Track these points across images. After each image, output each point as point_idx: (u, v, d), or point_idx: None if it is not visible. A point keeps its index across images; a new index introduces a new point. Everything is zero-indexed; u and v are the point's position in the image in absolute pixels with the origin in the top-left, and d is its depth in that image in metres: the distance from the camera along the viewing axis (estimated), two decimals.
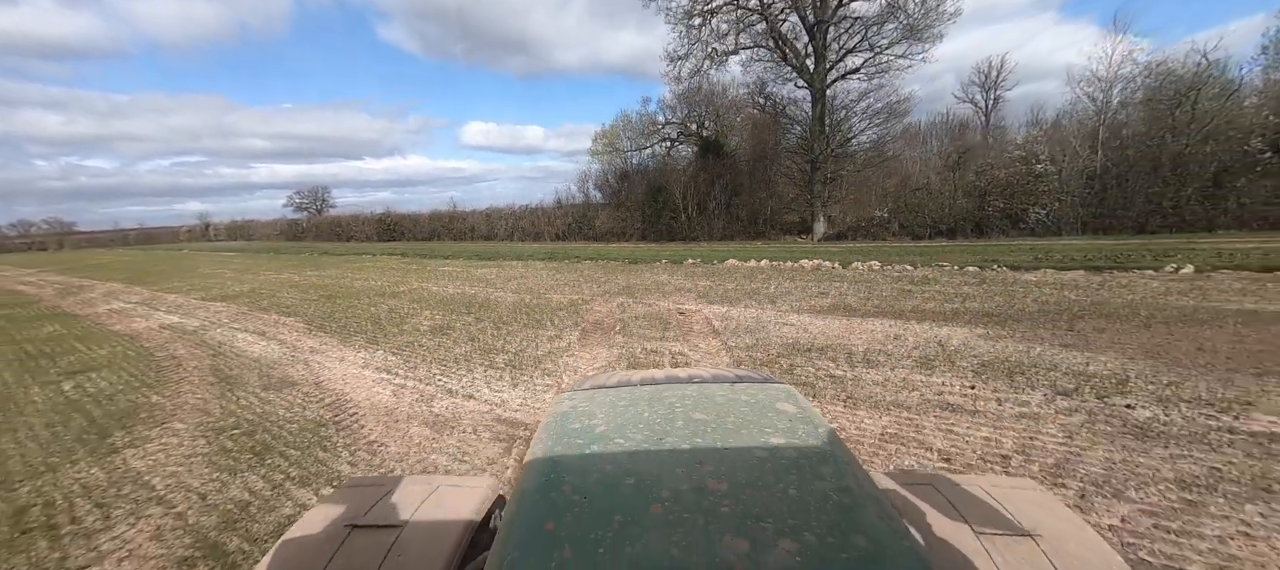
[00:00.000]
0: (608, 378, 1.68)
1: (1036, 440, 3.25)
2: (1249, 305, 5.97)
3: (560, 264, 14.67)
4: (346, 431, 4.09)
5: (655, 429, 1.14)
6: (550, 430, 1.23)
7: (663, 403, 1.30)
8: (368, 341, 6.91)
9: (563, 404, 1.41)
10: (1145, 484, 2.73)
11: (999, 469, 2.97)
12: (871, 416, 3.75)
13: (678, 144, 27.19)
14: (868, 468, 1.15)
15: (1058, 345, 5.02)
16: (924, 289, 8.20)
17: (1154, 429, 3.29)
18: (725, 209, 21.25)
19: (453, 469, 3.20)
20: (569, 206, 26.32)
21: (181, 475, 3.51)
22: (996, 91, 38.95)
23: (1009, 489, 1.33)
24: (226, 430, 4.23)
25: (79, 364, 6.67)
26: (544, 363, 5.53)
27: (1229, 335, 4.99)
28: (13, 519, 3.08)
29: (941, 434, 3.42)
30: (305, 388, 5.22)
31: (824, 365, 4.90)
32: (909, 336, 5.63)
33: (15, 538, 2.88)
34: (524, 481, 1.00)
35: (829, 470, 0.95)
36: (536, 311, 8.24)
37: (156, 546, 2.74)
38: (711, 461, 0.99)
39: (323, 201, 58.92)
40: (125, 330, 8.79)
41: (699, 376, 1.58)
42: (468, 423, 4.11)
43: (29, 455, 3.96)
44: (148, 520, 2.98)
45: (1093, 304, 6.51)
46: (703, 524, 0.80)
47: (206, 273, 18.04)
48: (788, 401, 1.29)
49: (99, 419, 4.65)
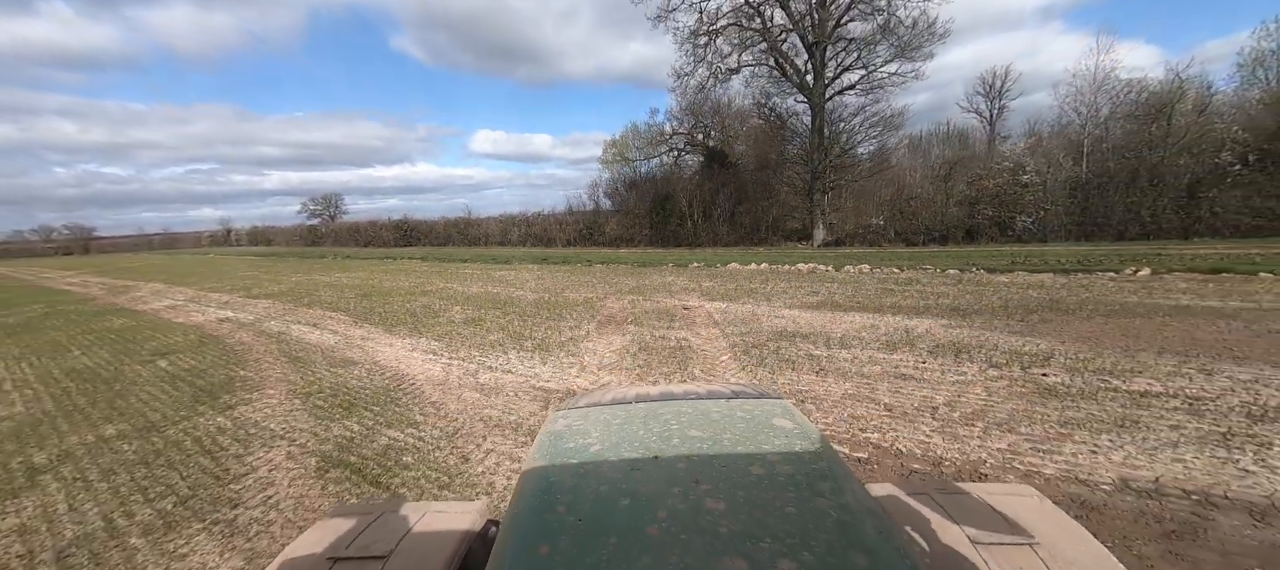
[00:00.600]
0: (602, 395, 1.67)
1: (963, 397, 4.13)
2: (1184, 301, 6.78)
3: (573, 267, 15.64)
4: (411, 394, 5.04)
5: (651, 447, 1.14)
6: (544, 449, 1.21)
7: (658, 420, 1.29)
8: (410, 331, 7.88)
9: (557, 422, 1.39)
10: (1034, 423, 3.61)
11: (933, 421, 3.85)
12: (837, 383, 4.64)
13: (685, 154, 28.22)
14: (865, 479, 1.15)
15: (1006, 333, 5.88)
16: (906, 289, 9.06)
17: (1057, 389, 4.16)
18: (729, 216, 22.16)
19: (442, 495, 3.09)
20: (579, 213, 27.40)
21: (291, 421, 4.47)
22: (1001, 101, 39.78)
23: (1006, 497, 1.34)
24: (313, 394, 5.19)
25: (162, 348, 7.69)
26: (567, 347, 6.46)
27: (1154, 325, 5.82)
28: (174, 446, 4.05)
29: (890, 394, 4.31)
30: (365, 366, 6.17)
31: (805, 347, 5.79)
32: (882, 326, 6.51)
33: (183, 457, 3.85)
34: (517, 503, 0.99)
35: (827, 486, 0.94)
36: (555, 307, 9.18)
37: (291, 462, 3.68)
38: (708, 479, 0.98)
39: (336, 208, 60.70)
40: (188, 323, 9.83)
41: (694, 393, 1.57)
42: (509, 389, 5.04)
43: (164, 409, 4.95)
44: (278, 448, 3.94)
45: (1049, 301, 7.34)
46: (700, 544, 0.79)
47: (240, 275, 19.19)
48: (784, 417, 1.28)
49: (203, 386, 5.64)
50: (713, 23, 17.41)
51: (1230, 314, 6.05)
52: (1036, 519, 1.22)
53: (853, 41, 16.08)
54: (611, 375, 5.29)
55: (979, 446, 3.35)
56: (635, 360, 5.74)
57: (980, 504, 1.28)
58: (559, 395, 4.81)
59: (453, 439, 3.92)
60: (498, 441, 3.85)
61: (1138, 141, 13.41)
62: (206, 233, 55.45)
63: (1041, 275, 9.33)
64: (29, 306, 13.50)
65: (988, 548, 1.10)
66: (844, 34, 16.18)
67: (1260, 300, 6.58)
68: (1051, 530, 1.17)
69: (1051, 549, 1.09)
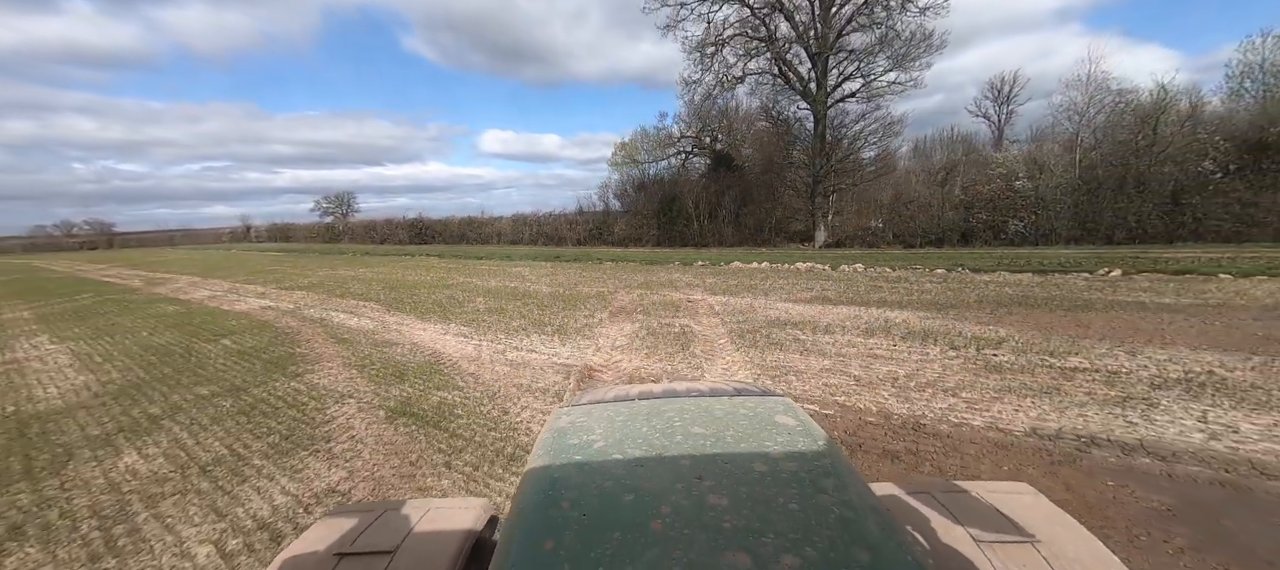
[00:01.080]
0: (605, 392, 1.69)
1: (921, 372, 4.89)
2: (1142, 298, 7.46)
3: (584, 265, 16.48)
4: (450, 367, 5.86)
5: (654, 444, 1.15)
6: (548, 446, 1.22)
7: (661, 417, 1.31)
8: (440, 318, 8.73)
9: (561, 419, 1.40)
10: (974, 390, 4.36)
11: (892, 388, 4.61)
12: (817, 360, 5.41)
13: (692, 156, 28.98)
14: (867, 477, 1.21)
15: (974, 323, 6.61)
16: (894, 286, 9.78)
17: (1001, 366, 4.90)
18: (734, 217, 22.89)
19: (449, 491, 3.09)
20: (589, 214, 28.26)
21: (353, 385, 5.31)
22: (1009, 106, 40.19)
23: (1006, 494, 1.36)
24: (366, 366, 6.03)
25: (221, 330, 8.59)
26: (583, 332, 7.27)
27: (1106, 318, 6.52)
28: (262, 402, 4.90)
29: (860, 369, 5.07)
30: (405, 346, 7.01)
31: (793, 333, 6.56)
32: (865, 317, 7.25)
33: (273, 410, 4.69)
34: (522, 499, 1.00)
35: (830, 483, 0.95)
36: (570, 299, 10.00)
37: (363, 413, 4.51)
38: (711, 476, 0.99)
39: (348, 206, 62.11)
40: (235, 310, 10.76)
41: (697, 390, 1.59)
42: (536, 364, 5.86)
43: (243, 376, 5.82)
44: (349, 404, 4.77)
45: (1021, 297, 8.05)
46: (704, 540, 0.80)
47: (268, 269, 20.21)
48: (787, 414, 1.29)
49: (269, 360, 6.51)
50: (720, 33, 18.21)
51: (1177, 309, 6.74)
52: (1036, 517, 1.24)
53: (853, 52, 16.82)
54: (623, 355, 6.08)
55: (924, 406, 4.11)
56: (644, 343, 6.53)
57: (980, 502, 1.30)
58: (579, 370, 5.60)
59: (493, 399, 4.74)
60: (530, 401, 4.66)
61: (1125, 149, 14.01)
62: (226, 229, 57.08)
63: (1021, 275, 10.02)
64: (78, 296, 14.54)
65: (989, 546, 1.11)
66: (844, 45, 16.91)
67: (1208, 297, 7.25)
68: (1051, 528, 1.18)
69: (1052, 547, 1.11)
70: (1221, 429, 3.46)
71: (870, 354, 5.53)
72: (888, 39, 15.79)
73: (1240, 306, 6.67)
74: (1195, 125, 13.49)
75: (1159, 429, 3.52)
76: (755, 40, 18.21)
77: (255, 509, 3.07)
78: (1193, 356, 4.87)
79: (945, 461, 3.27)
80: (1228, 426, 3.49)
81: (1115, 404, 3.94)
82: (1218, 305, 6.81)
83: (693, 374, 5.29)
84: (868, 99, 17.47)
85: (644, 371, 5.39)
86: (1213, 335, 5.51)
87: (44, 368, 6.67)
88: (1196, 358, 4.83)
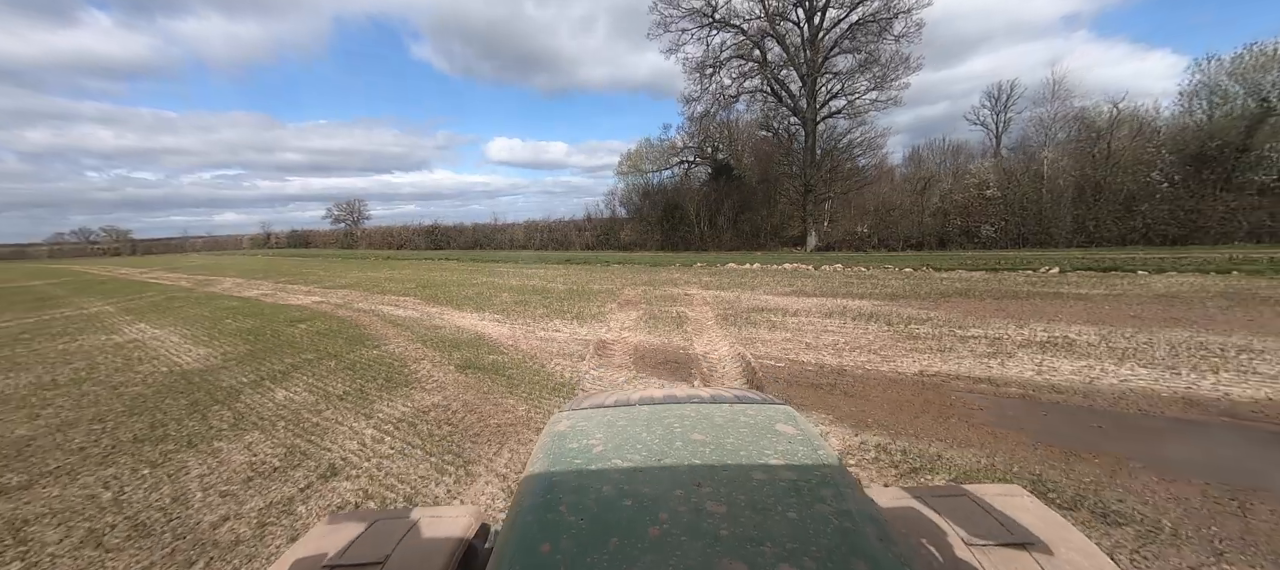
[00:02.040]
0: (605, 398, 1.70)
1: (856, 340, 6.41)
2: (1064, 290, 8.94)
3: (593, 266, 18.08)
4: (493, 342, 7.43)
5: (654, 450, 1.16)
6: (547, 450, 1.23)
7: (661, 423, 1.32)
8: (474, 308, 10.32)
9: (560, 423, 1.41)
10: (889, 351, 5.88)
11: (830, 351, 6.13)
12: (780, 334, 6.95)
13: (694, 166, 30.63)
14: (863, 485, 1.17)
15: (914, 308, 8.12)
16: (863, 282, 11.29)
17: (919, 335, 6.42)
18: (733, 223, 24.49)
19: (439, 499, 3.15)
20: (597, 220, 29.95)
21: (421, 351, 6.88)
22: (1006, 114, 41.63)
23: (1001, 498, 1.38)
24: (426, 341, 7.62)
25: (292, 319, 10.22)
26: (597, 318, 8.83)
27: (1021, 304, 8.01)
28: (358, 362, 6.49)
29: (811, 338, 6.60)
30: (450, 328, 8.59)
31: (767, 316, 8.10)
32: (829, 305, 8.78)
33: (369, 367, 6.28)
34: (520, 502, 1.01)
35: (829, 492, 0.96)
36: (583, 294, 11.58)
37: (438, 368, 6.08)
38: (710, 483, 0.99)
39: (359, 213, 64.39)
40: (292, 304, 12.40)
41: (697, 397, 1.59)
42: (561, 339, 7.42)
43: (332, 348, 7.42)
44: (424, 362, 6.34)
45: (964, 289, 9.54)
46: (701, 547, 0.81)
47: (303, 272, 21.95)
48: (787, 423, 1.30)
49: (346, 337, 8.10)
50: (717, 55, 19.89)
51: (1085, 297, 8.22)
52: (1031, 520, 1.25)
53: (838, 74, 18.46)
54: (630, 333, 7.64)
55: (850, 360, 5.64)
56: (647, 324, 8.09)
57: (978, 509, 1.32)
58: (595, 343, 7.15)
59: (533, 358, 6.31)
60: (561, 361, 6.22)
61: (1082, 162, 15.49)
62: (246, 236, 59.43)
63: (975, 273, 11.50)
64: (144, 294, 16.28)
65: (984, 550, 1.13)
66: (831, 67, 18.55)
67: (1116, 289, 8.72)
68: (1047, 531, 1.20)
69: (1047, 550, 1.13)
70: (1047, 370, 4.98)
71: (823, 329, 7.06)
72: (868, 63, 17.41)
73: (1135, 296, 8.15)
74: (1145, 140, 14.95)
75: (1005, 371, 5.04)
76: (750, 62, 19.88)
77: (388, 413, 4.64)
78: (1063, 329, 6.37)
79: (852, 389, 4.80)
80: (1052, 368, 5.00)
81: (985, 357, 5.45)
82: (1118, 295, 8.29)
83: (681, 342, 6.84)
84: (852, 115, 19.07)
85: (646, 343, 6.94)
86: (1093, 315, 7.00)
87: (165, 344, 8.31)
88: (1065, 329, 6.33)
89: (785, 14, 18.79)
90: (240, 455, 3.92)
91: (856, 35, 17.51)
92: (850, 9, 17.57)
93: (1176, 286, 8.58)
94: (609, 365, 5.96)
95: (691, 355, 6.22)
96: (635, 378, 5.45)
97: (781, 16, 18.75)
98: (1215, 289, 8.18)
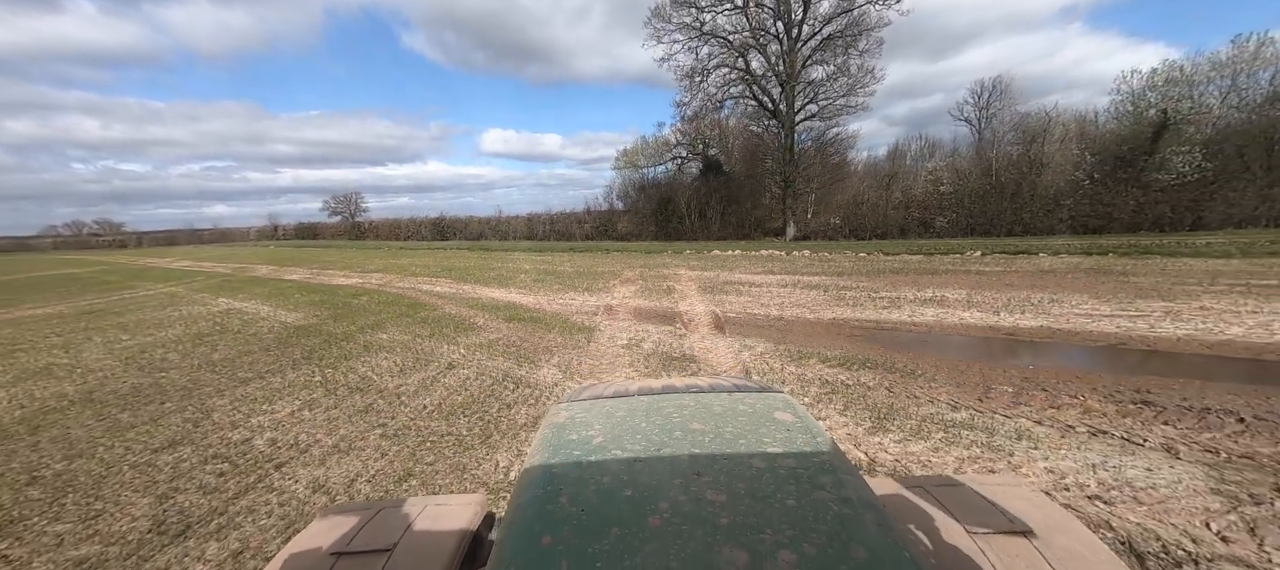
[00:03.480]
0: (604, 388, 1.71)
1: (799, 301, 8.67)
2: (973, 268, 11.25)
3: (594, 254, 20.29)
4: (523, 307, 9.63)
5: (653, 440, 1.17)
6: (547, 441, 1.24)
7: (660, 413, 1.33)
8: (500, 285, 12.51)
9: (559, 414, 1.42)
10: (821, 306, 8.16)
11: (777, 307, 8.42)
12: (745, 299, 9.21)
13: (687, 162, 32.81)
14: (864, 474, 1.17)
15: (852, 281, 10.40)
16: (823, 263, 13.59)
17: (844, 297, 8.70)
18: (721, 216, 26.72)
19: (446, 488, 3.18)
20: (596, 213, 32.15)
21: (473, 312, 9.08)
22: (989, 111, 44.07)
23: (1001, 487, 1.40)
24: (471, 306, 9.80)
25: (350, 294, 12.35)
26: (603, 290, 11.06)
27: (935, 277, 10.31)
28: (428, 318, 8.68)
29: (765, 300, 8.86)
30: (485, 299, 10.78)
31: (737, 287, 10.36)
32: (788, 280, 11.05)
33: (437, 319, 8.48)
34: (520, 494, 1.02)
35: (828, 480, 0.97)
36: (590, 274, 13.80)
37: (491, 323, 8.28)
38: (710, 472, 1.01)
39: (356, 206, 65.79)
40: (339, 284, 14.51)
41: (696, 386, 1.61)
42: (577, 305, 9.63)
43: (396, 313, 9.60)
44: (478, 318, 8.55)
45: (898, 268, 11.84)
46: (702, 535, 0.82)
47: (330, 260, 23.97)
48: (786, 411, 1.32)
49: (403, 306, 10.27)
50: (705, 65, 22.10)
51: (983, 272, 10.53)
52: (1032, 510, 1.27)
53: (812, 83, 20.74)
54: (630, 299, 9.86)
55: (790, 312, 7.90)
56: (643, 294, 10.33)
57: (977, 497, 1.33)
58: (604, 306, 9.36)
59: (558, 316, 8.53)
60: (581, 316, 8.43)
61: (1021, 160, 17.85)
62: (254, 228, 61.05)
63: (915, 256, 13.83)
64: (194, 279, 18.30)
65: (985, 538, 1.15)
66: (806, 77, 20.83)
67: (1012, 266, 11.05)
68: (1047, 522, 1.21)
69: (1047, 540, 1.14)
70: (916, 315, 7.27)
71: (776, 295, 9.34)
72: (838, 74, 19.70)
73: (1022, 271, 10.47)
74: (1070, 143, 17.32)
75: (889, 316, 7.32)
76: (735, 70, 22.11)
77: (469, 341, 6.85)
78: (947, 291, 8.67)
79: (783, 328, 7.06)
80: (920, 313, 7.30)
81: (882, 309, 7.74)
82: (1012, 270, 10.61)
83: (670, 304, 9.09)
84: (826, 119, 21.37)
85: (643, 306, 9.17)
86: (977, 284, 9.31)
87: (259, 311, 10.44)
88: (947, 292, 8.63)
89: (766, 28, 21.02)
90: (385, 361, 6.13)
91: (828, 49, 19.78)
92: (822, 25, 19.85)
93: (1058, 265, 10.93)
94: (616, 319, 8.19)
95: (676, 312, 8.46)
96: (636, 325, 7.68)
97: (763, 31, 20.98)
98: (1084, 267, 10.53)
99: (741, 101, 23.60)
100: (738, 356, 5.72)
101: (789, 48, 20.67)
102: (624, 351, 6.17)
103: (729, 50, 21.77)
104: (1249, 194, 14.49)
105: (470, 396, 4.81)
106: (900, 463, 3.22)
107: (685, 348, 6.21)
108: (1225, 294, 7.19)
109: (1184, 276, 8.64)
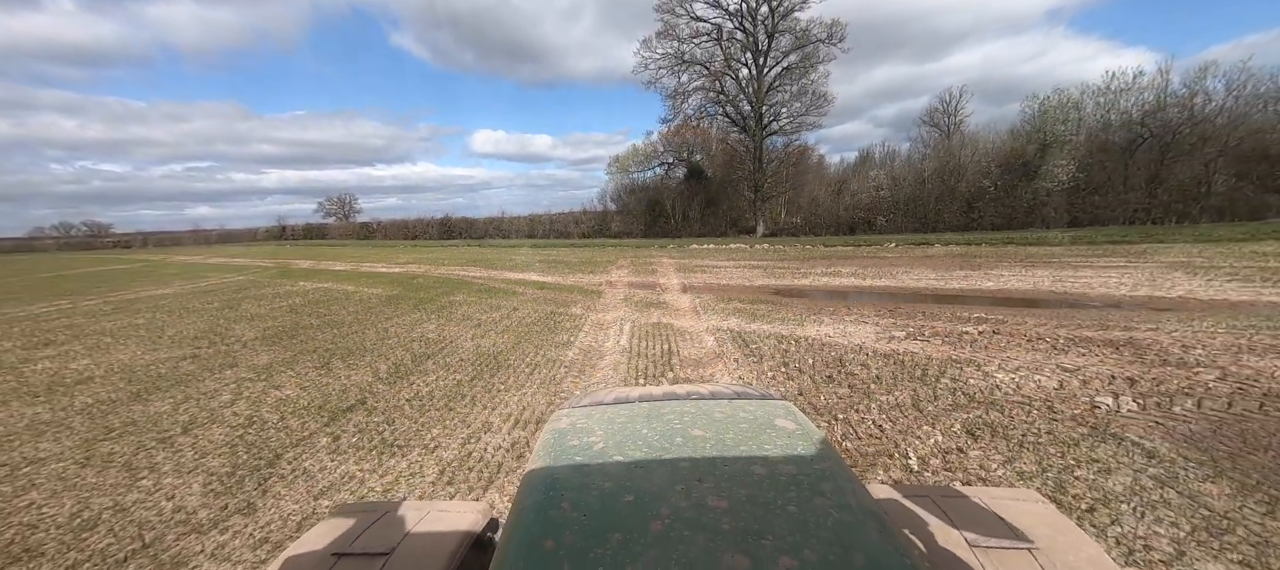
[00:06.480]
0: (605, 394, 1.71)
1: (744, 277, 12.31)
2: (881, 255, 14.97)
3: (592, 249, 23.84)
4: (546, 284, 13.14)
5: (654, 446, 1.18)
6: (548, 447, 1.25)
7: (661, 419, 1.34)
8: (520, 271, 15.99)
9: (561, 421, 1.43)
10: (756, 276, 11.81)
11: (731, 280, 12.08)
12: (708, 276, 12.83)
13: (672, 168, 36.53)
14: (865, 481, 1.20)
15: (789, 263, 14.06)
16: (775, 254, 17.28)
17: (774, 271, 12.35)
18: (701, 216, 30.44)
19: (445, 493, 3.26)
20: (591, 213, 35.75)
21: (515, 288, 12.58)
22: (955, 118, 48.25)
23: (1005, 499, 1.38)
24: (508, 283, 13.30)
25: (397, 280, 15.73)
26: (603, 272, 14.60)
27: (847, 261, 14.00)
28: (482, 292, 12.18)
29: (723, 277, 12.50)
30: (516, 279, 14.26)
31: (704, 269, 13.99)
32: (743, 264, 14.70)
33: (493, 292, 11.98)
34: (522, 499, 1.02)
35: (829, 486, 0.97)
36: (591, 263, 17.34)
37: (527, 291, 11.79)
38: (711, 478, 1.01)
39: (349, 207, 67.31)
40: (385, 273, 17.86)
41: (697, 393, 1.61)
42: (584, 282, 13.16)
43: (450, 291, 13.07)
44: (521, 294, 12.05)
45: (827, 255, 15.54)
46: (703, 541, 0.82)
47: (359, 256, 27.17)
48: (787, 418, 1.32)
49: (454, 284, 13.72)
50: (686, 88, 25.86)
51: (882, 257, 14.25)
52: (1037, 523, 1.26)
53: (775, 103, 24.59)
54: (624, 277, 13.41)
55: (735, 283, 11.52)
56: (634, 273, 13.91)
57: (981, 508, 1.32)
58: (605, 282, 12.89)
59: (572, 287, 12.08)
60: (589, 285, 11.98)
61: (942, 171, 21.78)
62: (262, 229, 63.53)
63: (846, 248, 17.59)
64: (247, 272, 21.45)
65: (986, 551, 1.14)
66: (771, 99, 24.67)
67: (910, 253, 14.81)
68: (1051, 534, 1.20)
69: (1050, 553, 1.13)
70: (820, 282, 10.93)
71: (730, 273, 12.98)
72: (797, 96, 23.59)
73: (913, 256, 14.21)
74: (980, 156, 21.29)
75: (798, 283, 10.97)
76: (711, 92, 25.91)
77: (520, 296, 10.36)
78: (846, 267, 12.35)
79: (729, 293, 10.68)
80: (821, 281, 10.96)
81: (795, 279, 11.40)
82: (908, 256, 14.35)
83: (653, 279, 12.69)
84: (787, 134, 25.25)
85: (634, 281, 12.73)
86: (872, 264, 13.03)
87: (344, 290, 13.79)
88: (844, 268, 12.32)
89: (738, 58, 24.84)
90: (472, 309, 9.62)
91: (788, 76, 23.62)
92: (783, 56, 23.72)
93: (939, 252, 14.71)
94: (615, 288, 11.74)
95: (658, 285, 12.03)
96: (628, 290, 11.23)
97: (735, 59, 24.80)
98: (956, 254, 14.32)
99: (718, 121, 27.45)
100: (691, 304, 9.31)
101: (757, 74, 24.47)
102: (622, 301, 9.74)
103: (707, 76, 25.56)
104: (1110, 198, 18.52)
105: (536, 317, 8.35)
106: (759, 326, 6.83)
107: (661, 300, 9.79)
108: (1012, 267, 10.97)
109: (1009, 258, 12.46)
